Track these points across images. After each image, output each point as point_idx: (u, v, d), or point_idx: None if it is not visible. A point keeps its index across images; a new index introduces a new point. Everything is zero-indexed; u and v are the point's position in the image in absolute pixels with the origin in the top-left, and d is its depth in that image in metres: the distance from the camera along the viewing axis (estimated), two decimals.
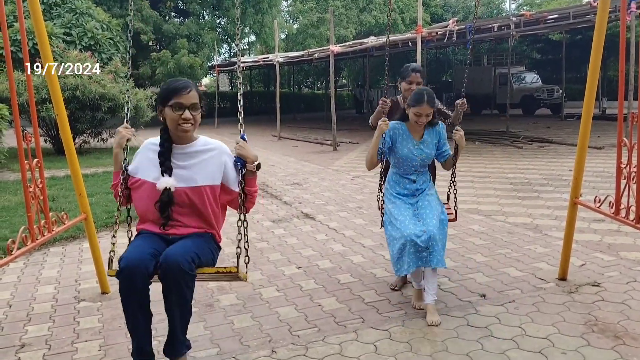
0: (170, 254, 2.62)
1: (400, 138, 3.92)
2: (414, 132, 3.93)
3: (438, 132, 4.00)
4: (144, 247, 2.73)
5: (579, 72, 29.76)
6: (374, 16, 31.75)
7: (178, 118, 2.73)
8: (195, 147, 2.88)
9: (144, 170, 2.87)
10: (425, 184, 4.00)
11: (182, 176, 2.81)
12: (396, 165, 4.01)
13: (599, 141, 13.04)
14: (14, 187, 8.86)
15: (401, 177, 3.99)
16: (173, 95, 2.73)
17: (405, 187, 3.97)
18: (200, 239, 2.84)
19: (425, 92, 3.77)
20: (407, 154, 3.89)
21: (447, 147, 4.03)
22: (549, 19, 14.29)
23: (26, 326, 3.70)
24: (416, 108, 3.76)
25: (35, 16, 3.61)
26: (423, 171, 4.01)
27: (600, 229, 5.65)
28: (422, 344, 3.27)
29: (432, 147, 3.96)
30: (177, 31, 25.84)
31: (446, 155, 4.06)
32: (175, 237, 2.84)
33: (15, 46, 13.12)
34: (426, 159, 3.96)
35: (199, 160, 2.85)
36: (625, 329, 3.36)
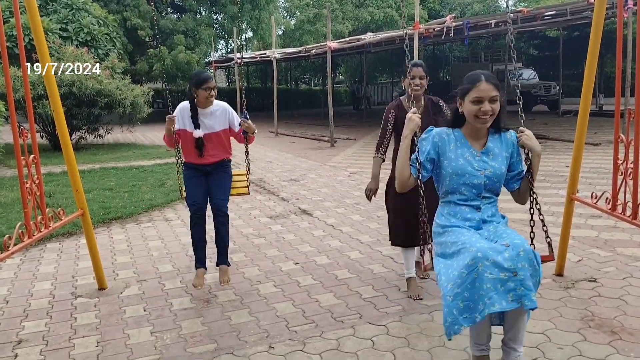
0: (217, 204, 4.28)
1: (452, 145, 2.76)
2: (473, 138, 2.77)
3: (511, 143, 2.80)
4: (198, 193, 4.28)
5: (576, 68, 29.80)
6: (369, 12, 31.67)
7: (208, 95, 4.22)
8: (211, 108, 4.32)
9: (184, 123, 4.31)
10: (497, 219, 2.81)
11: (206, 125, 4.30)
12: (449, 190, 2.79)
13: (595, 137, 13.06)
14: (10, 183, 8.85)
15: (457, 205, 2.77)
16: (205, 83, 4.18)
17: (466, 218, 2.75)
18: (226, 175, 4.45)
19: (481, 72, 2.70)
20: (463, 166, 2.71)
21: (522, 167, 2.86)
22: (546, 16, 14.27)
23: (23, 322, 3.70)
24: (474, 91, 2.62)
25: (31, 12, 3.59)
26: (490, 200, 2.80)
27: (597, 225, 5.66)
28: (420, 339, 3.27)
29: (501, 160, 2.75)
30: (174, 27, 25.77)
31: (519, 179, 2.84)
32: (209, 167, 4.37)
33: (11, 42, 13.06)
34: (493, 177, 2.73)
35: (215, 116, 4.33)
36: (621, 324, 3.38)
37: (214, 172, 4.39)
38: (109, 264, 4.84)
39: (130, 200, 7.53)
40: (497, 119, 2.73)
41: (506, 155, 2.77)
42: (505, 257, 2.37)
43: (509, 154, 2.78)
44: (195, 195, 4.27)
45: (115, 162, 11.74)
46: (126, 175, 9.87)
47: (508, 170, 2.80)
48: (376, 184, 4.07)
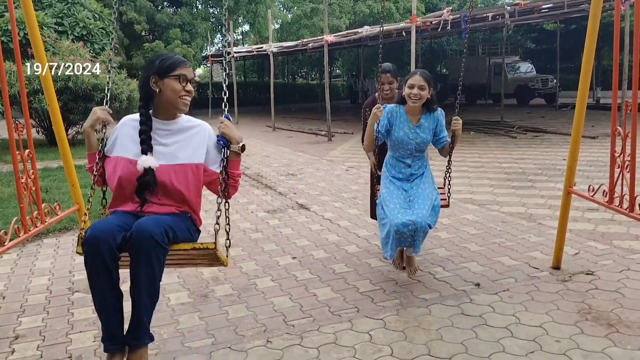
0: (143, 223, 2.46)
1: (397, 121, 4.00)
2: (411, 115, 4.01)
3: (436, 118, 4.05)
4: (112, 219, 2.58)
5: (574, 61, 29.73)
6: (368, 5, 31.61)
7: (181, 90, 2.66)
8: (179, 124, 2.77)
9: (123, 147, 2.72)
10: (421, 170, 4.05)
11: (164, 153, 2.68)
12: (392, 149, 4.09)
13: (593, 131, 13.08)
14: (6, 179, 8.81)
15: (397, 160, 4.07)
16: (177, 67, 2.66)
17: (401, 171, 4.04)
18: (177, 216, 2.69)
19: (419, 69, 4.04)
20: (402, 137, 3.97)
21: (445, 133, 4.07)
22: (543, 9, 14.25)
23: (20, 317, 3.69)
24: (410, 80, 3.90)
25: (25, 6, 3.57)
26: (419, 156, 4.05)
27: (594, 218, 5.67)
28: (417, 332, 3.28)
29: (428, 131, 4.01)
30: (170, 21, 25.67)
31: (443, 141, 4.09)
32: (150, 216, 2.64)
33: (5, 36, 13.00)
34: (422, 144, 4.01)
35: (183, 137, 2.74)
36: (618, 317, 3.38)
37: None
38: None
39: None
40: (427, 104, 3.98)
41: (432, 127, 4.04)
42: (409, 229, 3.63)
43: (434, 125, 4.05)
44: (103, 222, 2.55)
45: None
46: None
47: (434, 135, 4.06)
48: (375, 159, 4.52)
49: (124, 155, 2.69)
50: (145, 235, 2.40)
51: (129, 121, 2.80)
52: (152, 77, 2.68)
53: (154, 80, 2.68)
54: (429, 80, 3.90)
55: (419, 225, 3.64)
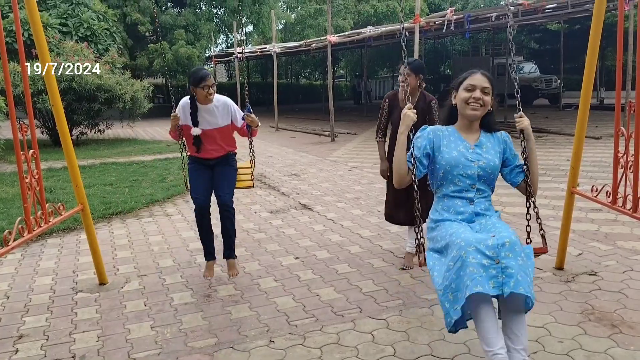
0: (222, 198, 4.26)
1: (446, 140, 2.86)
2: (466, 133, 2.90)
3: (502, 140, 2.93)
4: (202, 188, 4.30)
5: (577, 62, 29.69)
6: (372, 5, 31.58)
7: (206, 94, 4.15)
8: (213, 105, 4.26)
9: (185, 119, 4.29)
10: (489, 212, 2.85)
11: (210, 122, 4.27)
12: (443, 182, 2.86)
13: (596, 131, 13.04)
14: (11, 179, 8.85)
15: (452, 199, 2.83)
16: (203, 81, 4.11)
17: (459, 211, 2.80)
18: (230, 169, 4.44)
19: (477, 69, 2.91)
20: (457, 158, 2.80)
21: (521, 162, 2.94)
22: (547, 9, 14.22)
23: (24, 317, 3.71)
24: (468, 80, 2.83)
25: (30, 6, 3.58)
26: (484, 192, 2.85)
27: (598, 219, 5.66)
28: (420, 333, 3.28)
29: (493, 153, 2.85)
30: (174, 22, 25.70)
31: (521, 171, 2.92)
32: (213, 162, 4.37)
33: (10, 37, 13.03)
34: (487, 169, 2.81)
35: (217, 112, 4.28)
36: (621, 318, 3.38)
37: (218, 165, 4.39)
38: (109, 259, 4.85)
39: (130, 195, 7.53)
40: (487, 120, 2.89)
41: (499, 151, 2.88)
42: (489, 245, 2.40)
43: (501, 149, 2.89)
44: (199, 188, 4.29)
45: (116, 158, 11.74)
46: (127, 171, 9.86)
47: (505, 165, 2.92)
48: (386, 164, 4.54)
49: (187, 123, 4.29)
50: (226, 206, 4.28)
51: (184, 105, 4.27)
52: (190, 86, 4.22)
53: (191, 88, 4.20)
54: (493, 84, 2.85)
55: (508, 239, 2.41)
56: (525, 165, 2.88)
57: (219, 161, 4.39)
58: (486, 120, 2.89)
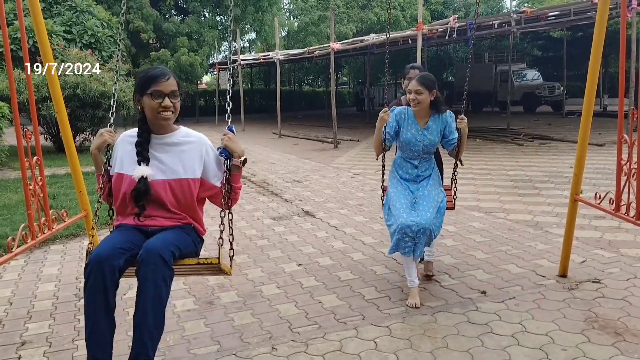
0: (151, 243, 2.51)
1: (406, 123, 4.06)
2: (420, 118, 4.05)
3: (444, 120, 4.08)
4: (117, 239, 2.59)
5: (580, 69, 29.69)
6: (375, 13, 31.70)
7: (157, 106, 2.64)
8: (175, 137, 2.79)
9: (122, 164, 2.76)
10: (428, 171, 4.09)
11: (162, 168, 2.72)
12: (401, 149, 4.15)
13: (600, 138, 13.03)
14: (14, 185, 8.87)
15: (405, 160, 4.13)
16: (151, 83, 2.64)
17: (408, 172, 4.10)
18: (182, 230, 2.74)
19: (418, 72, 4.22)
20: (410, 138, 4.02)
21: (455, 135, 4.08)
22: (549, 16, 14.25)
23: (27, 324, 3.71)
24: (409, 86, 3.99)
25: (35, 14, 3.61)
26: (426, 158, 4.10)
27: (601, 226, 5.64)
28: (423, 340, 3.27)
29: (436, 134, 4.04)
30: (177, 29, 25.82)
31: (453, 143, 4.12)
32: (154, 230, 2.71)
33: (15, 44, 13.11)
34: (429, 146, 4.05)
35: (179, 151, 2.75)
36: (625, 326, 3.36)
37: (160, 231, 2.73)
38: None
39: None
40: (435, 104, 4.01)
41: (440, 129, 4.07)
42: (413, 230, 3.66)
43: (442, 127, 4.07)
44: (108, 242, 2.57)
45: None
46: None
47: (443, 137, 4.10)
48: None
49: (124, 171, 2.74)
50: (154, 255, 2.43)
51: (127, 138, 2.82)
52: (135, 95, 2.74)
53: (137, 99, 2.73)
54: (426, 84, 3.92)
55: (422, 227, 3.66)
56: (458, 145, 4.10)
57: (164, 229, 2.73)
58: (434, 106, 4.02)
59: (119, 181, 2.74)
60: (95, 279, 2.41)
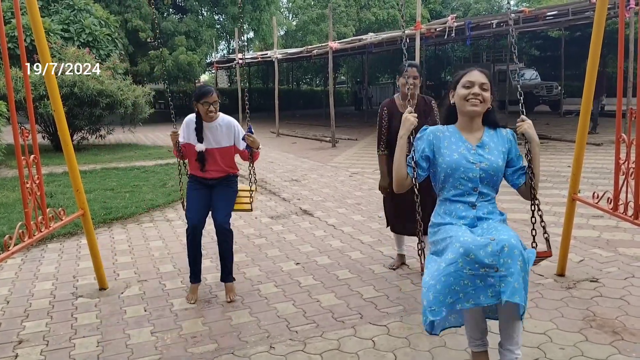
0: (219, 219, 4.02)
1: (447, 142, 2.75)
2: (468, 132, 2.78)
3: (506, 139, 2.80)
4: (198, 207, 4.10)
5: (578, 69, 29.73)
6: (373, 13, 31.68)
7: (206, 110, 4.06)
8: (217, 122, 4.17)
9: (189, 137, 4.18)
10: (493, 217, 2.71)
11: (212, 141, 4.15)
12: (444, 187, 2.76)
13: (597, 138, 13.04)
14: (11, 184, 8.85)
15: (453, 203, 2.72)
16: (203, 97, 4.04)
17: (460, 216, 2.68)
18: (229, 189, 4.26)
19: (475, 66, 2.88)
20: (459, 160, 2.68)
21: (524, 162, 2.82)
22: (548, 16, 14.25)
23: (24, 322, 3.70)
24: (466, 76, 2.74)
25: (32, 12, 3.60)
26: (487, 196, 2.72)
27: (599, 225, 5.65)
28: (420, 339, 3.27)
29: (497, 154, 2.72)
30: (175, 28, 25.76)
31: (523, 173, 2.79)
32: (213, 182, 4.21)
33: (12, 42, 13.08)
34: (490, 171, 2.68)
35: (220, 131, 4.17)
36: (623, 325, 3.37)
37: (217, 186, 4.22)
38: (109, 264, 4.84)
39: (131, 201, 7.53)
40: (489, 116, 2.79)
41: (503, 151, 2.74)
42: (488, 252, 2.30)
43: (505, 149, 2.76)
44: (194, 209, 4.09)
45: (117, 163, 11.75)
46: (127, 176, 9.87)
47: (508, 166, 2.78)
48: (386, 180, 4.30)
49: (191, 142, 4.18)
50: (223, 229, 4.02)
51: (190, 121, 4.19)
52: (193, 102, 4.15)
53: (194, 104, 4.13)
54: (491, 80, 2.77)
55: (505, 243, 2.32)
56: (530, 167, 2.75)
57: (219, 182, 4.23)
58: (488, 117, 2.79)
59: (189, 147, 4.19)
60: (192, 236, 4.02)
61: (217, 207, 4.11)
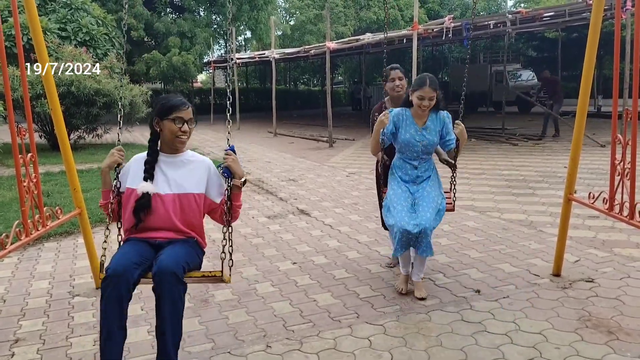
0: (164, 262, 2.71)
1: (404, 124, 4.00)
2: (418, 118, 4.00)
3: (442, 120, 4.04)
4: (130, 255, 2.80)
5: (575, 70, 29.82)
6: (374, 12, 31.68)
7: (177, 130, 2.95)
8: (184, 157, 3.08)
9: (134, 180, 3.01)
10: (428, 172, 4.07)
11: (169, 183, 2.98)
12: (400, 151, 4.10)
13: (594, 139, 13.07)
14: (8, 183, 8.83)
15: (404, 162, 4.08)
16: (174, 111, 2.94)
17: (407, 173, 4.05)
18: (187, 245, 2.95)
19: (427, 76, 3.91)
20: (409, 139, 3.97)
21: (452, 136, 4.03)
22: (544, 17, 14.29)
23: (20, 321, 3.70)
24: (419, 91, 3.85)
25: (29, 11, 3.60)
26: (426, 158, 4.07)
27: (595, 226, 5.67)
28: (417, 338, 3.28)
29: (434, 134, 4.00)
30: (167, 30, 25.64)
31: (450, 144, 4.06)
32: (162, 242, 2.93)
33: (9, 41, 13.04)
34: (428, 146, 4.01)
35: (187, 169, 3.03)
36: (618, 325, 3.38)
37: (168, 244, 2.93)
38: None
39: None
40: (436, 105, 3.93)
41: (438, 130, 4.03)
42: (414, 232, 3.70)
43: (441, 127, 4.03)
44: (123, 257, 2.78)
45: None
46: None
47: (441, 138, 4.05)
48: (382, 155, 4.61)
49: (135, 186, 2.97)
50: (168, 275, 2.66)
51: (139, 159, 3.07)
52: (154, 118, 3.00)
53: (155, 121, 3.00)
54: (437, 87, 3.88)
55: (423, 228, 3.70)
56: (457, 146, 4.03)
57: (170, 242, 2.95)
58: (435, 106, 3.94)
59: (129, 195, 2.98)
60: (111, 291, 2.63)
61: (165, 252, 2.82)
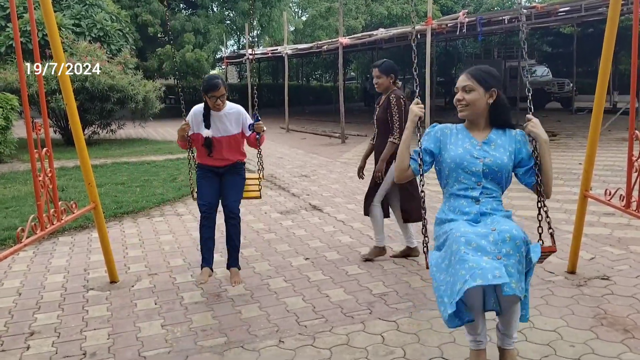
0: (228, 206, 4.19)
1: (454, 138, 2.78)
2: (474, 130, 2.79)
3: (516, 140, 2.75)
4: (210, 192, 4.22)
5: (590, 65, 29.46)
6: (386, 7, 31.47)
7: (213, 103, 4.15)
8: (224, 111, 4.26)
9: (197, 126, 4.27)
10: (496, 213, 2.69)
11: (221, 129, 4.25)
12: (448, 182, 2.77)
13: (610, 135, 12.93)
14: (23, 177, 8.93)
15: (458, 197, 2.72)
16: (209, 91, 4.10)
17: (464, 212, 2.68)
18: (239, 177, 4.38)
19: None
20: (462, 155, 2.70)
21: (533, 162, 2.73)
22: (560, 12, 14.12)
23: (35, 314, 3.74)
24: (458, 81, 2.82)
25: (45, 7, 3.62)
26: (491, 191, 2.71)
27: (610, 223, 5.61)
28: (430, 335, 3.26)
29: (504, 152, 2.70)
30: (181, 27, 25.73)
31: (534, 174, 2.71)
32: (222, 168, 4.32)
33: (25, 37, 13.17)
34: (494, 167, 2.67)
35: (228, 119, 4.27)
36: (634, 323, 3.34)
37: (226, 174, 4.32)
38: (120, 258, 4.88)
39: (142, 195, 7.58)
40: (499, 115, 2.76)
41: (510, 150, 2.71)
42: (490, 240, 2.35)
43: (513, 149, 2.72)
44: (206, 196, 4.19)
45: (128, 157, 11.81)
46: (138, 170, 9.92)
47: (520, 166, 2.74)
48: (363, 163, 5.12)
49: (200, 131, 4.26)
50: (233, 214, 4.18)
51: (197, 111, 4.29)
52: (202, 93, 4.21)
53: (203, 94, 4.19)
54: (479, 77, 2.72)
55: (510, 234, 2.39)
56: (537, 164, 2.69)
57: (227, 169, 4.33)
58: (494, 116, 2.76)
59: (197, 137, 4.27)
60: (206, 221, 4.12)
61: (226, 195, 4.24)
